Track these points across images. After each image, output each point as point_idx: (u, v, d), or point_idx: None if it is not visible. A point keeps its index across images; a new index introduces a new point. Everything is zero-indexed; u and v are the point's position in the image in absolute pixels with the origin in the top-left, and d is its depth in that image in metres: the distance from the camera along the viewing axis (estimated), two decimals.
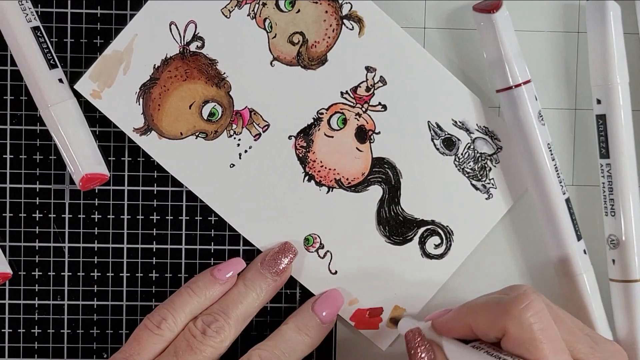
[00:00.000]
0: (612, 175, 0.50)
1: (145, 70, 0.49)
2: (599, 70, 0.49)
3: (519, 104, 0.49)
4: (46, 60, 0.48)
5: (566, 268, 0.50)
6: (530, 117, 0.49)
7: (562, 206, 0.50)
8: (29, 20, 0.48)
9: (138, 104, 0.49)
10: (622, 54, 0.49)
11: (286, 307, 0.51)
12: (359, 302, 0.51)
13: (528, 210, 0.52)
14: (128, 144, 0.50)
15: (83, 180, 0.48)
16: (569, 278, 0.50)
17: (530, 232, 0.52)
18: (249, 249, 0.51)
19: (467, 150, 0.51)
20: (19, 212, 0.50)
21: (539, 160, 0.49)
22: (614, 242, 0.50)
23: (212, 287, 0.48)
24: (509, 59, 0.49)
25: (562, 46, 0.51)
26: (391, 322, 0.51)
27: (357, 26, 0.50)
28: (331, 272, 0.51)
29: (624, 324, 0.51)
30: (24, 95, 0.49)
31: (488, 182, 0.51)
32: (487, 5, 0.49)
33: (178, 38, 0.49)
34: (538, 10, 0.51)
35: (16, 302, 0.50)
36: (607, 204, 0.50)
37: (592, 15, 0.49)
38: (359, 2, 0.50)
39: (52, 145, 0.50)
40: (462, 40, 0.51)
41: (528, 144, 0.49)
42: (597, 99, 0.50)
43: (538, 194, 0.50)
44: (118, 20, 0.49)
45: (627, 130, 0.49)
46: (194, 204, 0.50)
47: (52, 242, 0.50)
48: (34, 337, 0.50)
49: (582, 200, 0.52)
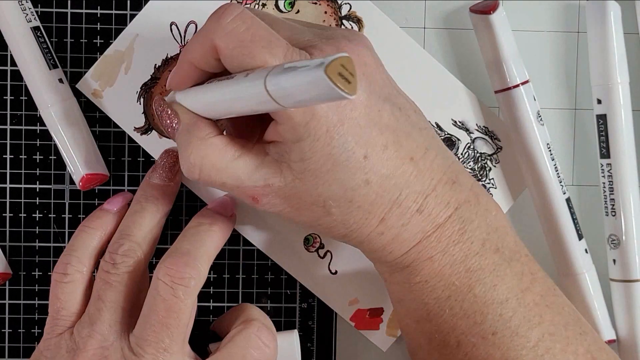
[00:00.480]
0: (612, 175, 0.50)
1: (146, 70, 0.49)
2: (599, 70, 0.49)
3: (517, 104, 0.49)
4: (46, 60, 0.48)
5: (567, 267, 0.50)
6: (529, 118, 0.49)
7: (563, 206, 0.50)
8: (29, 20, 0.48)
9: (139, 104, 0.49)
10: (622, 54, 0.49)
11: (286, 307, 0.51)
12: (359, 302, 0.51)
13: (528, 210, 0.52)
14: (128, 143, 0.50)
15: (83, 180, 0.48)
16: (571, 278, 0.50)
17: (530, 232, 0.52)
18: (249, 249, 0.51)
19: (467, 150, 0.51)
20: (19, 212, 0.50)
21: (538, 161, 0.49)
22: (615, 242, 0.50)
23: (105, 217, 0.47)
24: (507, 59, 0.49)
25: (562, 46, 0.51)
26: None
27: (357, 26, 0.50)
28: (331, 272, 0.51)
29: (625, 323, 0.51)
30: (24, 95, 0.49)
31: (488, 182, 0.51)
32: (484, 6, 0.49)
33: (179, 38, 0.49)
34: (538, 10, 0.51)
35: (16, 302, 0.50)
36: (607, 204, 0.50)
37: (592, 15, 0.49)
38: (358, 2, 0.50)
39: (52, 145, 0.50)
40: (461, 40, 0.51)
41: (527, 144, 0.49)
42: (598, 98, 0.50)
43: (538, 193, 0.50)
44: (118, 21, 0.49)
45: (627, 130, 0.49)
46: (194, 204, 0.50)
47: (52, 242, 0.50)
48: (34, 337, 0.50)
49: (582, 200, 0.52)
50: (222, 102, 0.41)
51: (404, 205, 0.41)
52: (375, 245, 0.43)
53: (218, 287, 0.51)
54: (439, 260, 0.42)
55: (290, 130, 0.39)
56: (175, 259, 0.43)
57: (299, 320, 0.51)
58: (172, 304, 0.42)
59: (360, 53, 0.41)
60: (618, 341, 0.51)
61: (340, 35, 0.41)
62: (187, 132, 0.42)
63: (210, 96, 0.41)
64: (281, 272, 0.51)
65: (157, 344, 0.42)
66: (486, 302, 0.42)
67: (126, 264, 0.44)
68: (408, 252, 0.42)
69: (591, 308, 0.50)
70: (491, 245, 0.43)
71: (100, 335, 0.43)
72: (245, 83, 0.37)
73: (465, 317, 0.43)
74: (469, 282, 0.42)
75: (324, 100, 0.33)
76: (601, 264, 0.51)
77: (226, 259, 0.51)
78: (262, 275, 0.51)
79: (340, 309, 0.51)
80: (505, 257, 0.43)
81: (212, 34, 0.40)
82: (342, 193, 0.41)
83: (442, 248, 0.42)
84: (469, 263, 0.42)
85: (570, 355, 0.43)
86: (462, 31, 0.51)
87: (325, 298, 0.51)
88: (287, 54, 0.39)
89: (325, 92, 0.32)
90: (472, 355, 0.43)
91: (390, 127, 0.41)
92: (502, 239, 0.43)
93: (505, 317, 0.42)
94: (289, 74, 0.34)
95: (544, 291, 0.44)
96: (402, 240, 0.42)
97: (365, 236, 0.42)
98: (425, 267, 0.43)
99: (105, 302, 0.44)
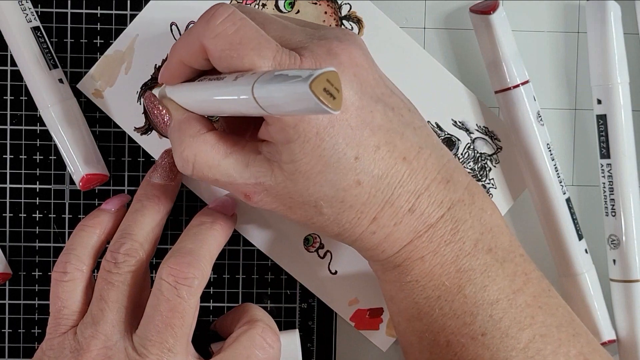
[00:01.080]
0: (612, 176, 0.50)
1: (147, 70, 0.49)
2: (599, 70, 0.49)
3: (517, 104, 0.49)
4: (46, 60, 0.48)
5: (568, 268, 0.50)
6: (529, 118, 0.49)
7: (563, 206, 0.50)
8: (29, 20, 0.48)
9: (139, 104, 0.49)
10: (622, 54, 0.49)
11: (286, 307, 0.51)
12: (359, 302, 0.51)
13: (528, 211, 0.52)
14: (128, 144, 0.50)
15: (83, 181, 0.48)
16: (571, 278, 0.50)
17: (530, 232, 0.52)
18: (249, 249, 0.51)
19: (467, 151, 0.51)
20: (19, 212, 0.50)
21: (538, 161, 0.49)
22: (615, 242, 0.50)
23: (103, 216, 0.47)
24: (507, 60, 0.49)
25: (562, 46, 0.51)
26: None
27: (357, 27, 0.50)
28: (331, 272, 0.51)
29: (625, 323, 0.51)
30: (24, 96, 0.49)
31: (488, 182, 0.51)
32: (484, 6, 0.49)
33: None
34: (538, 10, 0.51)
35: (16, 302, 0.50)
36: (607, 204, 0.50)
37: (592, 15, 0.49)
38: (358, 2, 0.50)
39: (52, 145, 0.50)
40: (461, 40, 0.51)
41: (527, 144, 0.49)
42: (598, 99, 0.50)
43: (538, 194, 0.50)
44: (118, 21, 0.49)
45: (627, 130, 0.49)
46: (194, 204, 0.50)
47: (52, 242, 0.50)
48: (34, 337, 0.50)
49: (582, 201, 0.52)
50: (211, 102, 0.41)
51: (396, 205, 0.41)
52: (367, 244, 0.43)
53: (218, 287, 0.51)
54: (429, 260, 0.42)
55: (279, 132, 0.39)
56: (178, 259, 0.43)
57: (299, 320, 0.51)
58: (176, 304, 0.42)
59: (352, 53, 0.41)
60: (618, 341, 0.51)
61: (332, 35, 0.41)
62: (179, 129, 0.42)
63: (200, 95, 0.42)
64: (281, 272, 0.51)
65: (162, 344, 0.42)
66: (476, 303, 0.42)
67: (128, 263, 0.44)
68: (399, 252, 0.42)
69: (591, 308, 0.50)
70: (484, 246, 0.43)
71: (103, 335, 0.43)
72: (234, 87, 0.38)
73: (455, 318, 0.43)
74: (459, 283, 0.42)
75: (308, 113, 0.33)
76: (601, 264, 0.51)
77: (226, 259, 0.51)
78: (262, 275, 0.51)
79: (340, 309, 0.51)
80: (498, 257, 0.43)
81: (202, 35, 0.40)
82: (333, 193, 0.41)
83: (433, 248, 0.42)
84: (460, 263, 0.42)
85: (561, 357, 0.43)
86: (462, 31, 0.51)
87: (325, 298, 0.51)
88: (277, 56, 0.39)
89: (310, 106, 0.32)
90: (462, 356, 0.43)
91: (383, 127, 0.41)
92: (496, 239, 0.43)
93: (495, 318, 0.42)
94: (276, 85, 0.34)
95: (537, 292, 0.44)
96: (394, 239, 0.42)
97: (358, 235, 0.42)
98: (416, 266, 0.43)
99: (108, 302, 0.44)
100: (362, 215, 0.41)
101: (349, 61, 0.40)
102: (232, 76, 0.39)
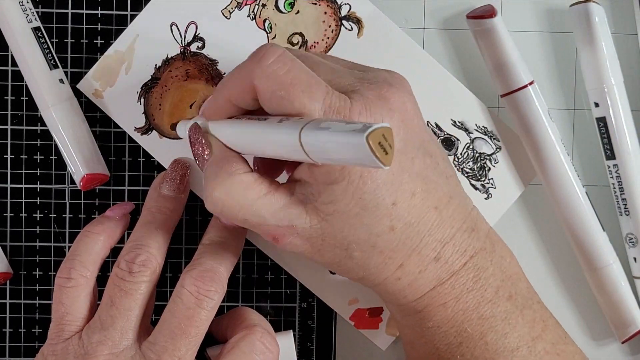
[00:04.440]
0: (620, 176, 0.50)
1: (147, 70, 0.49)
2: (593, 74, 0.49)
3: (528, 105, 0.49)
4: (47, 60, 0.48)
5: (594, 261, 0.50)
6: (541, 115, 0.49)
7: (584, 198, 0.50)
8: (30, 20, 0.48)
9: (139, 104, 0.49)
10: (613, 55, 0.49)
11: (286, 307, 0.51)
12: (358, 301, 0.51)
13: (528, 210, 0.52)
14: (128, 143, 0.50)
15: (84, 180, 0.48)
16: (597, 272, 0.50)
17: (530, 232, 0.52)
18: (249, 249, 0.51)
19: (466, 150, 0.51)
20: (20, 212, 0.50)
21: (554, 157, 0.49)
22: (633, 240, 0.50)
23: (108, 223, 0.47)
24: (513, 61, 0.49)
25: (562, 47, 0.51)
26: (171, 129, 0.50)
27: (356, 27, 0.50)
28: (331, 272, 0.51)
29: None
30: (24, 96, 0.49)
31: (487, 181, 0.51)
32: (482, 11, 0.49)
33: (179, 38, 0.49)
34: (537, 11, 0.51)
35: (17, 301, 0.50)
36: (620, 204, 0.50)
37: (576, 20, 0.49)
38: (357, 2, 0.50)
39: (52, 145, 0.50)
40: (461, 41, 0.51)
41: (542, 142, 0.49)
42: (595, 102, 0.50)
43: (558, 189, 0.50)
44: (118, 21, 0.50)
45: (629, 130, 0.49)
46: (194, 204, 0.50)
47: (53, 242, 0.50)
48: (35, 337, 0.50)
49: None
50: (253, 143, 0.41)
51: (423, 253, 0.42)
52: (391, 289, 0.43)
53: None
54: (452, 307, 0.42)
55: (325, 173, 0.39)
56: (202, 273, 0.44)
57: (299, 320, 0.51)
58: (195, 313, 0.43)
59: (402, 99, 0.41)
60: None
61: (382, 79, 0.41)
62: (217, 165, 0.42)
63: (243, 134, 0.42)
64: (281, 272, 0.51)
65: (173, 352, 0.42)
66: (497, 350, 0.43)
67: (144, 273, 0.44)
68: (422, 297, 0.43)
69: (624, 297, 0.50)
70: (504, 293, 0.43)
71: (111, 341, 0.43)
72: (280, 130, 0.37)
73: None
74: (482, 330, 0.43)
75: (356, 164, 0.33)
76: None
77: None
78: (262, 275, 0.51)
79: (340, 309, 0.51)
80: (517, 304, 0.43)
81: (252, 74, 0.40)
82: (366, 237, 0.41)
83: (455, 295, 0.42)
84: (482, 310, 0.43)
85: None
86: (462, 32, 0.51)
87: (325, 298, 0.51)
88: (327, 99, 0.39)
89: (362, 157, 0.32)
90: None
91: (420, 174, 0.41)
92: (515, 286, 0.44)
93: None
94: (327, 133, 0.34)
95: (555, 339, 0.44)
96: (418, 285, 0.42)
97: (382, 280, 0.42)
98: (438, 312, 0.43)
99: (120, 309, 0.44)
100: (389, 261, 0.41)
101: (398, 107, 0.40)
102: (277, 119, 0.38)
